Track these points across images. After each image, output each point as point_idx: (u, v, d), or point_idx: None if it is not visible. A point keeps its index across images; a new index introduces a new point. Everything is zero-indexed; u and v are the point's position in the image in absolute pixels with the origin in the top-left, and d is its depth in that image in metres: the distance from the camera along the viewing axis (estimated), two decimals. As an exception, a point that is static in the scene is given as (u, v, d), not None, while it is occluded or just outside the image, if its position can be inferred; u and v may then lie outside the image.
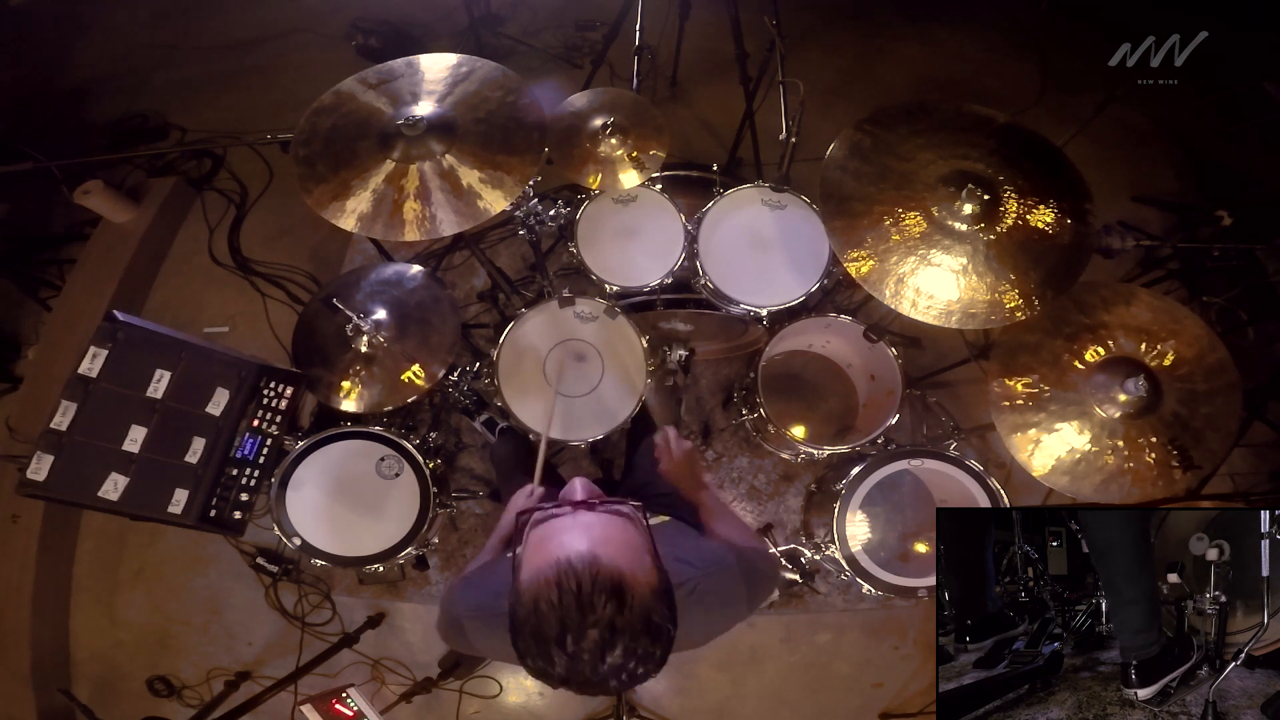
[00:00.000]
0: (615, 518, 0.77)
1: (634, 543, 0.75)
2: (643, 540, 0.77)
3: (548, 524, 0.76)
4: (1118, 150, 2.94)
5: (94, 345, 1.50)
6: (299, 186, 1.53)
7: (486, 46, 3.11)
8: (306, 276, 2.77)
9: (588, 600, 0.66)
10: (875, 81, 3.17)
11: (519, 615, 0.70)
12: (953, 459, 1.81)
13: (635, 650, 0.68)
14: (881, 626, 2.34)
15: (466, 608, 0.97)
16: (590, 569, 0.68)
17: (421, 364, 1.74)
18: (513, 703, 2.27)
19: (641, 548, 0.76)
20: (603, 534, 0.73)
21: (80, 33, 3.52)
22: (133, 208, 2.77)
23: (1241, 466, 2.42)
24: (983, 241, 1.48)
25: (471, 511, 2.37)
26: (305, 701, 1.72)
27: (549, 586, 0.68)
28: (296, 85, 3.19)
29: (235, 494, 1.60)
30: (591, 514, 0.77)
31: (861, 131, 1.60)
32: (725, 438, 2.45)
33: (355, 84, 1.64)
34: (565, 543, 0.72)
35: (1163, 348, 1.58)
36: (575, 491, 0.82)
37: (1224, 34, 1.95)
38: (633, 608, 0.68)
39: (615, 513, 0.78)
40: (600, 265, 2.00)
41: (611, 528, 0.75)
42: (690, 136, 2.97)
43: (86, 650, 2.38)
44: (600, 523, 0.75)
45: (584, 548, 0.70)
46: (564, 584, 0.67)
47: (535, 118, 1.59)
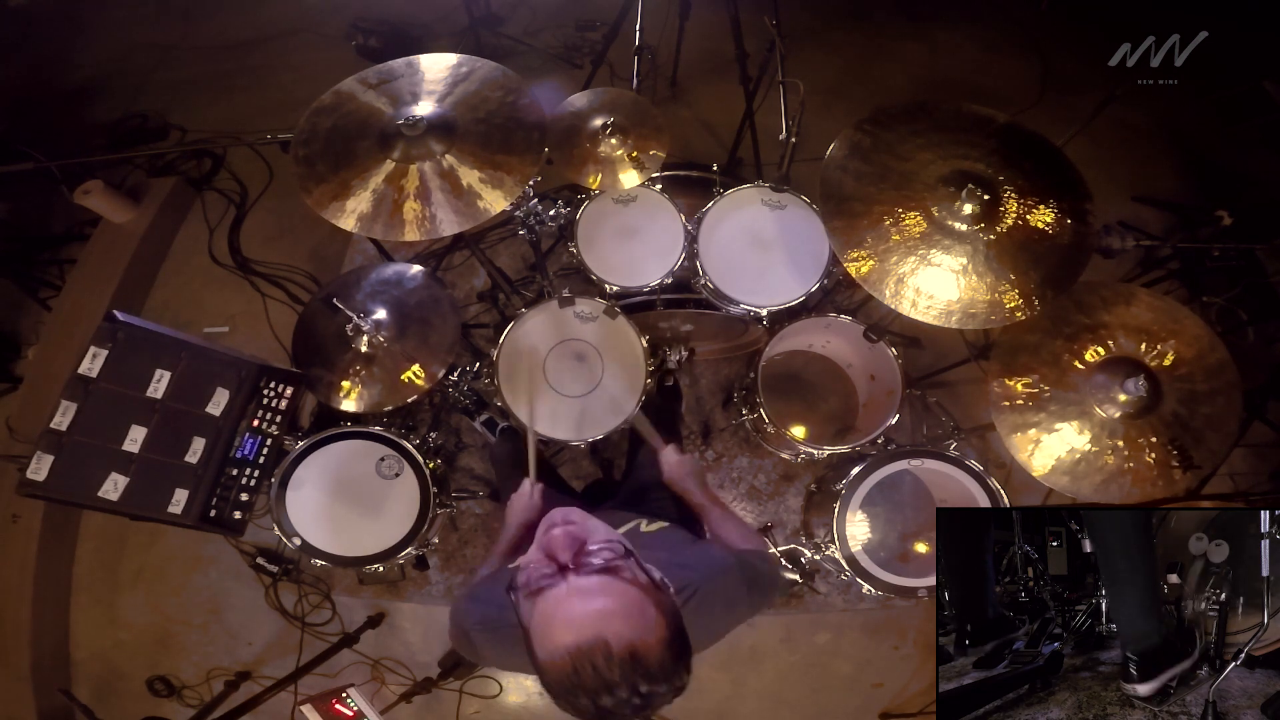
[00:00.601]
0: (608, 579, 0.75)
1: (635, 603, 0.74)
2: (640, 593, 0.75)
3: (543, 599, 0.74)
4: (1118, 150, 2.94)
5: (94, 345, 1.49)
6: (299, 186, 1.53)
7: (486, 46, 3.11)
8: (306, 276, 2.77)
9: (609, 679, 0.69)
10: (875, 81, 3.17)
11: (549, 686, 0.72)
12: (953, 459, 1.81)
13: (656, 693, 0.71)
14: (881, 626, 2.34)
15: (473, 620, 0.98)
16: (604, 653, 0.69)
17: (421, 364, 1.74)
18: (513, 703, 2.27)
19: (643, 603, 0.74)
20: (602, 607, 0.72)
21: (80, 33, 3.52)
22: (133, 208, 2.77)
23: (1241, 466, 2.42)
24: (983, 241, 1.48)
25: (471, 511, 2.37)
26: (305, 701, 1.72)
27: (570, 673, 0.69)
28: (296, 85, 3.19)
29: (235, 494, 1.60)
30: (582, 580, 0.74)
31: (861, 131, 1.60)
32: (725, 438, 2.45)
33: (355, 84, 1.63)
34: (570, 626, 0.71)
35: (1163, 348, 1.58)
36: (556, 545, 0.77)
37: (1224, 34, 1.95)
38: (651, 667, 0.70)
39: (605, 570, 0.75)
40: (600, 265, 2.00)
41: (609, 596, 0.73)
42: (690, 136, 2.97)
43: (86, 650, 2.38)
44: (597, 592, 0.74)
45: (590, 633, 0.70)
46: (581, 670, 0.69)
47: (535, 118, 1.59)
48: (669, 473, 1.29)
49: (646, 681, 0.70)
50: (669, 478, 1.29)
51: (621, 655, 0.69)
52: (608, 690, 0.69)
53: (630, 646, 0.70)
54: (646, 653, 0.70)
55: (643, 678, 0.69)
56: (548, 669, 0.72)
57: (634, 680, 0.69)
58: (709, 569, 0.97)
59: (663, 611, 0.75)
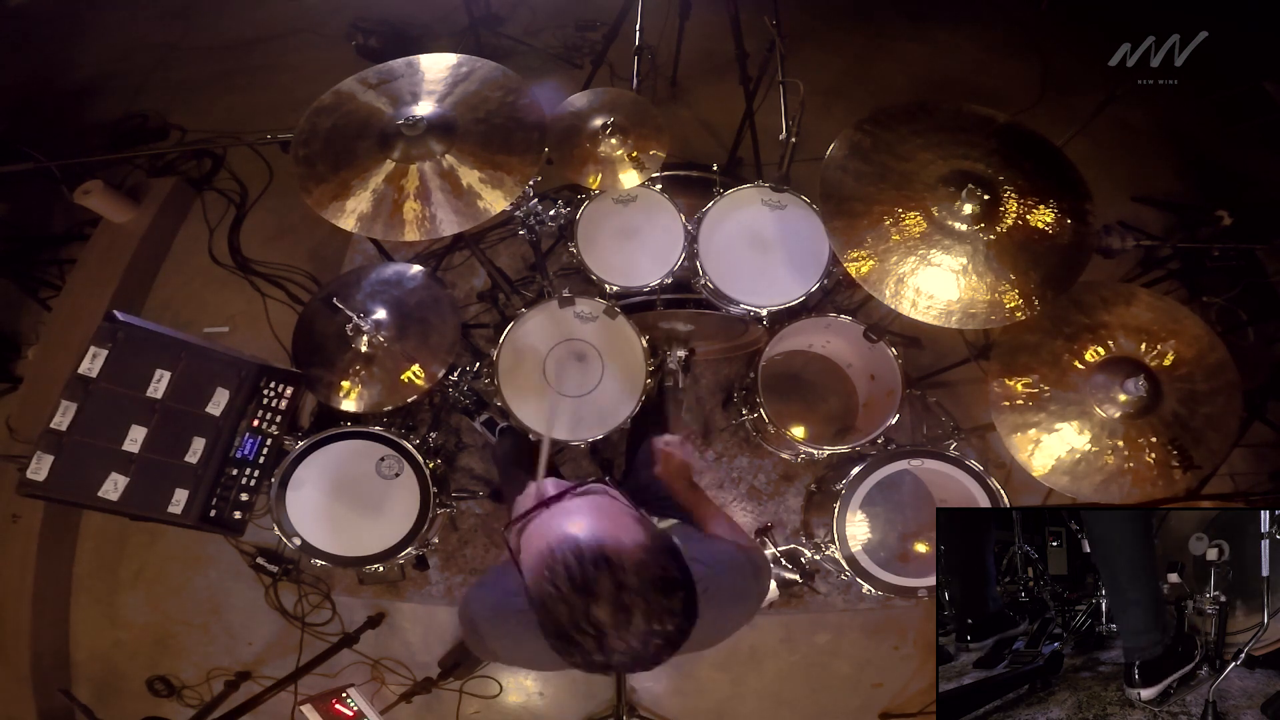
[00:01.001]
0: (586, 498, 0.79)
1: (610, 511, 0.77)
2: (620, 506, 0.79)
3: (529, 528, 0.78)
4: (1118, 150, 2.94)
5: (94, 345, 1.49)
6: (299, 186, 1.53)
7: (486, 46, 3.11)
8: (306, 276, 2.77)
9: (581, 580, 0.68)
10: (875, 81, 3.17)
11: (541, 622, 0.72)
12: (953, 459, 1.81)
13: (652, 609, 0.69)
14: (881, 626, 2.34)
15: (482, 609, 0.98)
16: (573, 550, 0.70)
17: (421, 364, 1.74)
18: (513, 703, 2.27)
19: (620, 513, 0.77)
20: (577, 516, 0.75)
21: (80, 33, 3.52)
22: (133, 208, 2.77)
23: (1241, 466, 2.42)
24: (983, 241, 1.48)
25: (471, 511, 2.37)
26: (305, 701, 1.72)
27: (546, 582, 0.70)
28: (296, 85, 3.18)
29: (235, 494, 1.60)
30: (562, 502, 0.78)
31: (861, 131, 1.60)
32: (725, 438, 2.45)
33: (355, 84, 1.64)
34: (546, 535, 0.74)
35: (1163, 348, 1.58)
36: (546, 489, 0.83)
37: (1224, 34, 1.95)
38: (627, 569, 0.69)
39: (584, 494, 0.79)
40: (600, 265, 2.01)
41: (584, 508, 0.77)
42: (690, 136, 2.97)
43: (86, 650, 2.38)
44: (573, 507, 0.77)
45: (558, 534, 0.72)
46: (556, 573, 0.69)
47: (535, 118, 1.59)
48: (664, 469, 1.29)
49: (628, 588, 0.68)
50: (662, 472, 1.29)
51: (591, 552, 0.69)
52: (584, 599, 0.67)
53: (599, 544, 0.70)
54: (619, 551, 0.70)
55: (621, 582, 0.68)
56: (532, 593, 0.72)
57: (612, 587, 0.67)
58: (720, 563, 0.98)
59: (642, 526, 0.76)
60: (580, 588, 0.68)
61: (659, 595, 0.70)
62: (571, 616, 0.68)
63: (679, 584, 0.73)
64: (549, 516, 0.77)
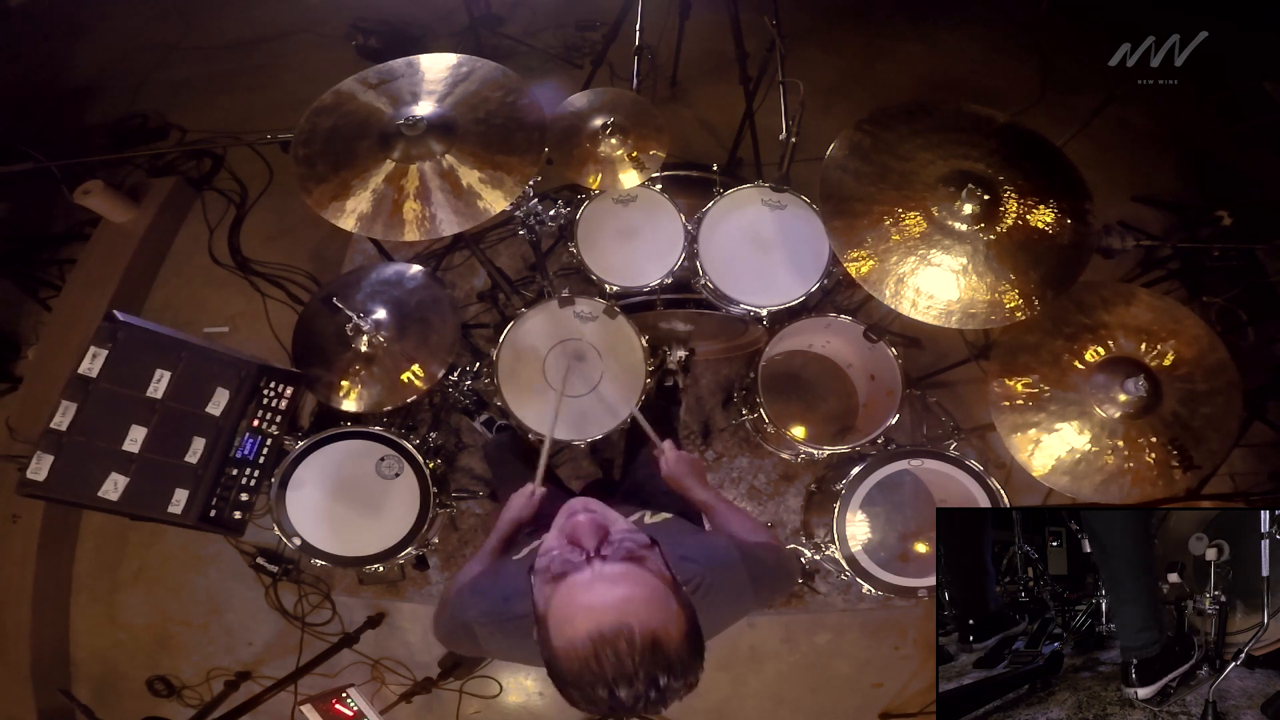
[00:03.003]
0: (633, 568, 0.75)
1: (659, 594, 0.74)
2: (663, 584, 0.75)
3: (567, 583, 0.74)
4: (1118, 150, 2.94)
5: (94, 345, 1.49)
6: (299, 186, 1.53)
7: (486, 46, 3.11)
8: (306, 276, 2.77)
9: (629, 669, 0.68)
10: (875, 81, 3.17)
11: (562, 675, 0.71)
12: (953, 459, 1.81)
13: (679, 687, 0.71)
14: (881, 626, 2.34)
15: (478, 613, 0.97)
16: (627, 640, 0.68)
17: (421, 364, 1.74)
18: (513, 703, 2.27)
19: (666, 594, 0.74)
20: (627, 594, 0.72)
21: (80, 33, 3.51)
22: (133, 208, 2.77)
23: (1241, 466, 2.42)
24: (983, 241, 1.48)
25: (471, 511, 2.37)
26: (305, 701, 1.72)
27: (589, 660, 0.68)
28: (296, 85, 3.18)
29: (235, 494, 1.60)
30: (608, 566, 0.74)
31: (861, 131, 1.60)
32: (725, 438, 2.45)
33: (355, 84, 1.63)
34: (594, 611, 0.71)
35: (1163, 348, 1.58)
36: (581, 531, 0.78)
37: (1224, 34, 1.95)
38: (670, 659, 0.70)
39: (630, 559, 0.75)
40: (600, 265, 2.00)
41: (634, 584, 0.73)
42: (690, 136, 2.97)
43: (86, 650, 2.38)
44: (622, 579, 0.73)
45: (614, 618, 0.69)
46: (603, 656, 0.68)
47: (535, 118, 1.59)
48: (668, 470, 1.28)
49: (665, 674, 0.69)
50: (668, 475, 1.27)
51: (644, 644, 0.68)
52: (625, 680, 0.68)
53: (653, 635, 0.69)
54: (667, 644, 0.70)
55: (662, 670, 0.69)
56: (564, 656, 0.70)
57: (653, 671, 0.68)
58: (713, 561, 0.97)
59: (683, 605, 0.75)
60: (623, 674, 0.68)
61: (682, 677, 0.71)
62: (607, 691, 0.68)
63: (700, 660, 0.74)
64: (592, 580, 0.73)
